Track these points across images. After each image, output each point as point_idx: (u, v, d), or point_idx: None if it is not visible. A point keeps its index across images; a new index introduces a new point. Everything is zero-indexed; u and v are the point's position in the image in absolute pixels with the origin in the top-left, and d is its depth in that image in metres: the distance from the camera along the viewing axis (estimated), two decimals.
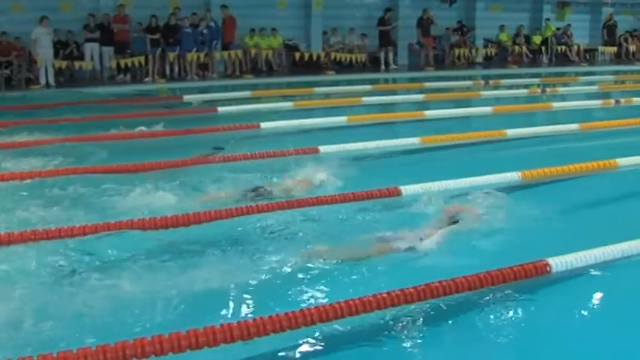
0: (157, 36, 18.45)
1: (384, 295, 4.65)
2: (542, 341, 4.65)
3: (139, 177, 7.90)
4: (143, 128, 11.12)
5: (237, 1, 20.17)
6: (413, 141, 10.08)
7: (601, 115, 14.02)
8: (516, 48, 25.55)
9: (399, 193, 7.22)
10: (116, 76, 18.40)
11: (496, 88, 18.08)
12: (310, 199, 6.89)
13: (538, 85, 18.43)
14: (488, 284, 5.05)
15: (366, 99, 14.36)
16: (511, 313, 4.97)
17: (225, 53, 19.79)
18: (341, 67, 21.71)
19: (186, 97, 14.64)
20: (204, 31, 19.07)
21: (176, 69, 19.13)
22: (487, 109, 13.35)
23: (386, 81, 19.56)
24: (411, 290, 4.74)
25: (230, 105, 13.48)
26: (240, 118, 11.87)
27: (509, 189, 7.78)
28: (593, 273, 5.53)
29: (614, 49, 28.07)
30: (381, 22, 22.44)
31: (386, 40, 22.54)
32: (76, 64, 18.20)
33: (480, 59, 25.00)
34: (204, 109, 13.07)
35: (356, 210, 6.92)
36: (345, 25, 22.49)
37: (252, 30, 20.49)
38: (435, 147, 10.05)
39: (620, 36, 28.62)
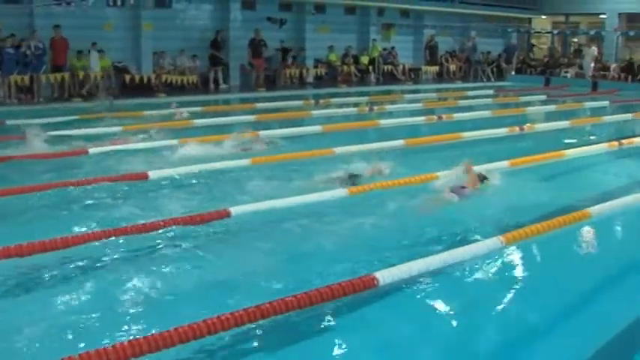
0: None
1: (222, 319, 4.63)
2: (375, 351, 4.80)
3: None
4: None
5: (63, 21, 19.48)
6: (244, 162, 10.12)
7: (425, 130, 14.63)
8: (345, 68, 26.31)
9: (228, 215, 7.21)
10: None
11: (326, 107, 18.46)
12: (137, 226, 6.73)
13: (366, 104, 19.01)
14: (318, 301, 5.11)
15: (197, 121, 14.25)
16: (343, 328, 5.09)
17: (52, 76, 19.00)
18: (172, 88, 21.42)
19: (10, 122, 13.88)
20: (28, 52, 18.24)
21: None
22: (317, 128, 13.60)
23: (217, 102, 19.49)
24: (241, 313, 4.73)
25: (56, 130, 12.91)
26: (66, 144, 11.45)
27: (337, 206, 8.01)
28: (418, 282, 5.77)
29: (436, 68, 29.63)
30: (214, 43, 22.45)
31: (216, 60, 22.57)
32: None
33: (310, 79, 25.52)
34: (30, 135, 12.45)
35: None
36: (175, 47, 22.28)
37: (80, 52, 19.83)
38: (266, 167, 10.14)
39: (441, 56, 30.28)
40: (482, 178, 8.75)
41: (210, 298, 5.46)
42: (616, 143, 12.98)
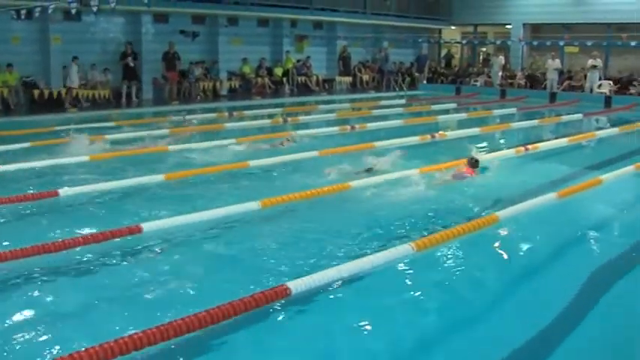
0: None
1: (134, 338, 4.58)
2: None
3: None
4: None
5: None
6: (156, 178, 10.02)
7: (339, 140, 14.75)
8: (259, 80, 26.35)
9: (139, 231, 7.15)
10: None
11: (241, 119, 18.43)
12: (50, 245, 6.60)
13: (280, 115, 19.09)
14: (230, 315, 5.12)
15: (109, 136, 14.01)
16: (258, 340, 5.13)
17: None
18: (83, 103, 21.03)
19: None
20: None
21: None
22: (231, 141, 13.58)
23: (130, 116, 19.18)
24: (154, 330, 4.69)
25: None
26: None
27: (251, 218, 8.05)
28: (331, 290, 5.86)
29: (350, 78, 29.99)
30: (123, 56, 22.17)
31: (129, 74, 22.29)
32: None
33: (224, 92, 25.47)
34: None
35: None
36: (86, 61, 21.88)
37: None
38: (180, 182, 10.09)
39: (355, 67, 30.64)
40: (475, 161, 10.62)
41: (120, 316, 5.41)
42: (522, 149, 13.43)
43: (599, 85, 27.01)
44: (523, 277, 6.72)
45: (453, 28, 36.72)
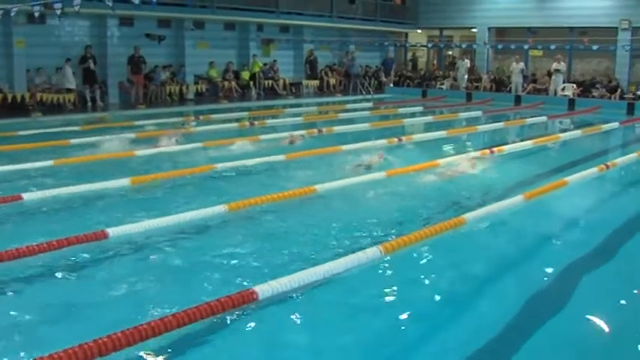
0: None
1: (99, 342, 4.53)
2: None
3: None
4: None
5: None
6: (123, 182, 9.90)
7: (306, 144, 14.75)
8: (226, 83, 26.27)
9: (105, 236, 7.07)
10: None
11: (208, 123, 18.36)
12: (13, 251, 6.50)
13: (248, 119, 19.05)
14: (197, 319, 5.09)
15: (74, 141, 13.86)
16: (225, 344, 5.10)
17: None
18: (48, 107, 20.78)
19: None
20: None
21: None
22: (197, 145, 13.54)
23: (95, 121, 18.99)
24: (119, 335, 4.64)
25: None
26: None
27: (217, 222, 8.01)
28: (298, 295, 5.84)
29: (317, 82, 30.02)
30: (83, 59, 21.90)
31: (90, 78, 22.05)
32: None
33: (191, 96, 25.35)
34: None
35: None
36: (51, 64, 21.64)
37: None
38: (145, 186, 10.00)
39: (321, 70, 30.69)
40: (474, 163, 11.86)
41: (85, 322, 5.35)
42: (488, 151, 13.52)
43: (563, 88, 27.42)
44: (486, 279, 6.77)
45: (419, 31, 36.95)
